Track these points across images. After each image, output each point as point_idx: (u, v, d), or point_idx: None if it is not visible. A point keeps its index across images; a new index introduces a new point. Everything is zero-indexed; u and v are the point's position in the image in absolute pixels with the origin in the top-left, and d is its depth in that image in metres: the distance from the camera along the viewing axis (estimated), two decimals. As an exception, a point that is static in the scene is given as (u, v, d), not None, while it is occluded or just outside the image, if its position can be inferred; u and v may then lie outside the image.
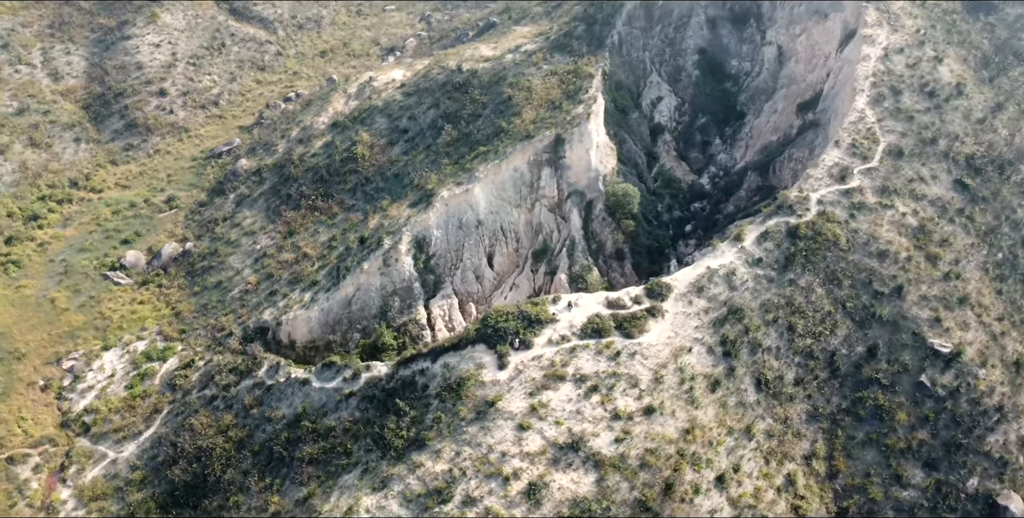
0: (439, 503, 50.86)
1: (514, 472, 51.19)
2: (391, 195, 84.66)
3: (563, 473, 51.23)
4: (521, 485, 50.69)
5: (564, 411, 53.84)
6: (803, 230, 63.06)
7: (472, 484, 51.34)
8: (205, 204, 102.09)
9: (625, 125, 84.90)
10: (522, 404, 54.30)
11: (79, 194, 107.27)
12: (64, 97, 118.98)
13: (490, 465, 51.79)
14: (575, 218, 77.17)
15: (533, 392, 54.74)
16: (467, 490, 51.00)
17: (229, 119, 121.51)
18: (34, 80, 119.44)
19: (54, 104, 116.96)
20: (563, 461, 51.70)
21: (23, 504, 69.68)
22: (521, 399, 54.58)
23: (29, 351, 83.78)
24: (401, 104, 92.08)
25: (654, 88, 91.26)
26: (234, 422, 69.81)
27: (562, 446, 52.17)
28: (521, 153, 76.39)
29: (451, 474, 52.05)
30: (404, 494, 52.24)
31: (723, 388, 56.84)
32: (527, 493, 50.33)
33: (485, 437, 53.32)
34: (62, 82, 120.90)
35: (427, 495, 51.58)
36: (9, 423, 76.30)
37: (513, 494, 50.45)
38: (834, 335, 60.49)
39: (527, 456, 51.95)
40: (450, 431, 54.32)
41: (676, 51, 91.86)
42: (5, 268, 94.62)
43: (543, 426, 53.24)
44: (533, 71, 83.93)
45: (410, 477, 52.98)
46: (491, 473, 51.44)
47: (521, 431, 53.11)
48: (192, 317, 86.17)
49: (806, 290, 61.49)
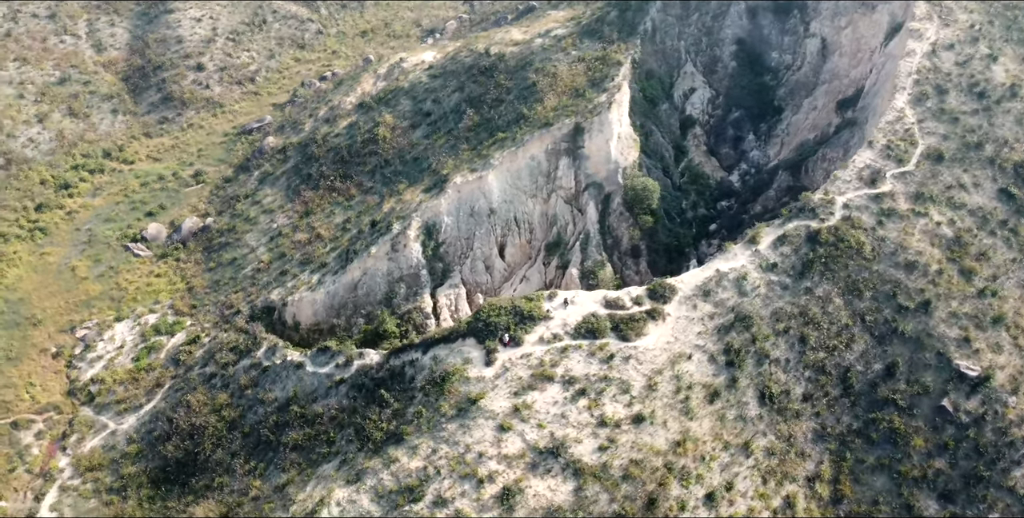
0: (410, 501, 48.92)
1: (489, 475, 48.86)
2: (408, 179, 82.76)
3: (540, 479, 48.69)
4: (495, 489, 48.34)
5: (548, 414, 51.21)
6: (824, 235, 58.83)
7: (445, 484, 49.21)
8: (230, 180, 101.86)
9: (653, 116, 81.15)
10: (505, 404, 51.86)
11: (111, 165, 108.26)
12: (105, 68, 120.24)
13: (466, 465, 49.56)
14: (591, 211, 74.05)
15: (518, 392, 52.23)
16: (439, 490, 48.90)
17: (264, 96, 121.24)
18: (78, 51, 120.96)
19: (95, 75, 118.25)
20: (542, 466, 49.14)
21: (22, 469, 70.24)
22: (505, 398, 52.12)
23: (45, 318, 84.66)
24: (426, 86, 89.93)
25: (687, 79, 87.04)
26: (228, 402, 69.15)
27: (542, 451, 49.61)
28: (539, 141, 73.50)
29: (425, 472, 50.02)
30: (376, 489, 50.44)
31: (722, 400, 53.39)
32: (501, 498, 47.97)
33: (464, 436, 51.09)
34: (105, 53, 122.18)
35: (399, 492, 49.69)
36: (18, 388, 77.09)
37: (486, 498, 48.16)
38: (850, 350, 56.32)
39: (505, 459, 49.54)
40: (429, 427, 52.24)
41: (713, 41, 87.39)
42: (32, 235, 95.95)
43: (525, 428, 50.72)
44: (560, 57, 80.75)
45: (384, 472, 51.13)
46: (466, 474, 49.22)
47: (501, 432, 50.69)
48: (204, 293, 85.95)
49: (823, 300, 57.38)
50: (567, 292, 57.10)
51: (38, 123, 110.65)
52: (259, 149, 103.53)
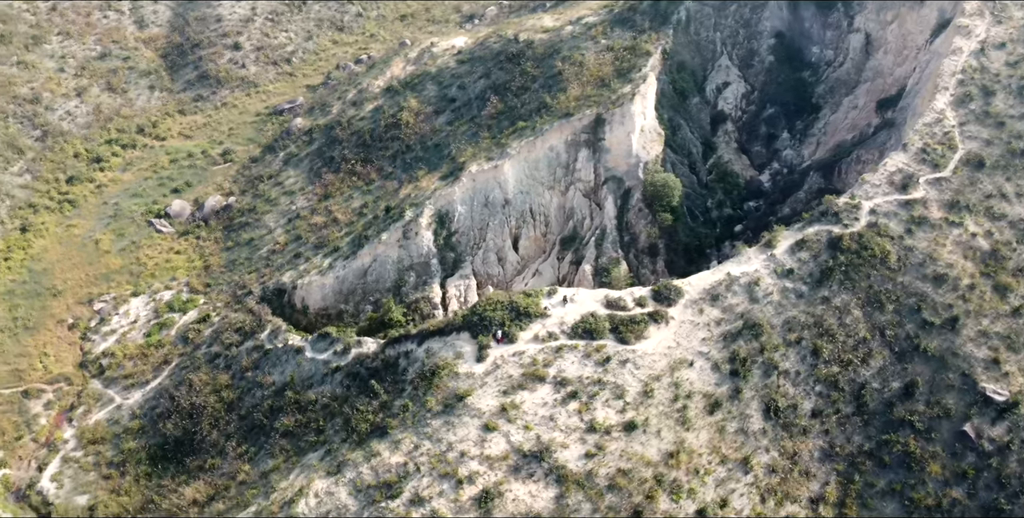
0: (387, 497, 47.39)
1: (470, 475, 47.01)
2: (428, 166, 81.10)
3: (522, 483, 46.64)
4: (474, 490, 46.48)
5: (536, 416, 49.07)
6: (847, 242, 55.19)
7: (424, 482, 47.53)
8: (257, 160, 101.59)
9: (683, 110, 77.84)
10: (493, 402, 49.87)
11: (144, 140, 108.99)
12: (146, 45, 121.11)
13: (447, 464, 47.80)
14: (609, 206, 71.36)
15: (507, 391, 50.19)
16: (417, 488, 47.24)
17: (299, 77, 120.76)
18: (120, 26, 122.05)
19: (135, 51, 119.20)
20: (524, 470, 47.08)
21: (28, 438, 70.88)
22: (493, 397, 50.13)
23: (66, 289, 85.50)
24: (453, 72, 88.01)
25: (721, 72, 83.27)
26: (229, 383, 68.69)
27: (526, 454, 47.53)
28: (558, 131, 71.01)
29: (405, 468, 48.41)
30: (355, 483, 49.04)
31: (723, 411, 50.50)
32: (479, 500, 46.09)
33: (447, 433, 49.29)
34: (146, 30, 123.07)
35: (377, 487, 48.18)
36: (32, 357, 77.90)
37: (464, 499, 46.33)
38: (866, 366, 52.78)
39: (487, 460, 47.62)
40: (414, 422, 50.60)
41: (751, 33, 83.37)
42: (61, 207, 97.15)
43: (510, 429, 48.68)
44: (589, 45, 77.93)
45: (364, 465, 49.69)
46: (446, 473, 47.46)
47: (486, 432, 48.76)
48: (220, 272, 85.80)
49: (840, 311, 53.89)
50: (567, 289, 54.80)
51: (76, 97, 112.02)
52: (287, 130, 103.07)
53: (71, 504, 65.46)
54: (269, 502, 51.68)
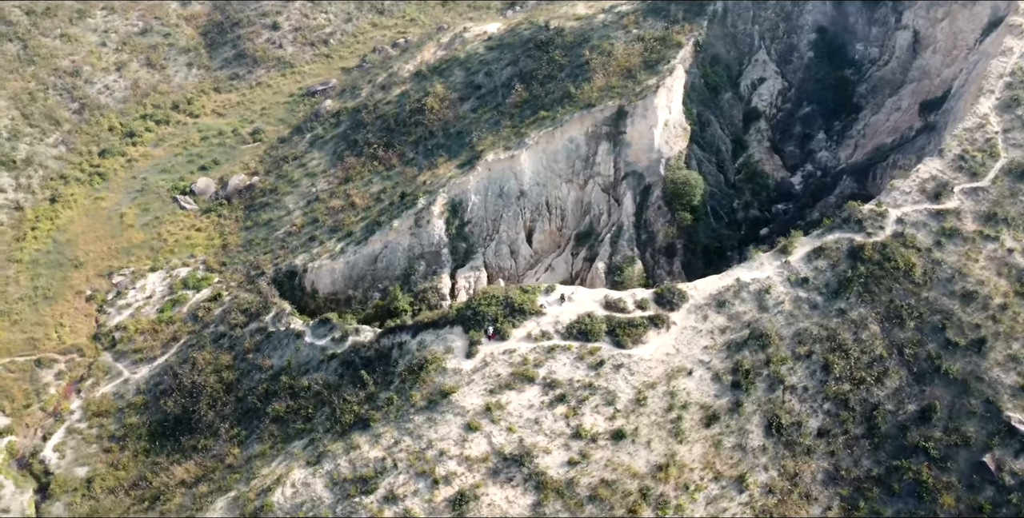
0: (361, 493, 45.97)
1: (447, 476, 45.25)
2: (448, 153, 79.32)
3: (499, 488, 44.69)
4: (450, 492, 44.71)
5: (521, 418, 46.99)
6: (868, 252, 51.54)
7: (400, 479, 45.94)
8: (285, 140, 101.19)
9: (714, 105, 74.35)
10: (478, 401, 47.95)
11: (177, 117, 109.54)
12: (187, 22, 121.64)
13: (424, 462, 46.11)
14: (628, 202, 68.56)
15: (494, 390, 48.21)
16: (393, 485, 45.68)
17: (335, 59, 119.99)
18: (163, 3, 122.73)
19: (176, 28, 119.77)
20: (503, 474, 45.10)
21: (37, 406, 71.49)
22: (479, 395, 48.21)
23: (87, 261, 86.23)
24: (481, 58, 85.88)
25: (758, 67, 79.28)
26: (230, 364, 68.24)
27: (507, 457, 45.53)
28: (579, 122, 68.39)
29: (383, 464, 46.90)
30: (332, 475, 47.74)
31: (721, 424, 47.67)
32: (453, 502, 44.32)
33: (429, 430, 47.57)
34: (189, 7, 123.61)
35: (353, 481, 46.80)
36: (48, 327, 78.70)
37: (438, 500, 44.61)
38: (881, 385, 49.28)
39: (466, 460, 45.78)
40: (397, 416, 49.02)
41: (791, 27, 79.07)
42: (91, 179, 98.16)
43: (493, 430, 46.72)
44: (620, 34, 74.90)
45: (343, 457, 48.34)
46: (423, 471, 45.79)
47: (468, 431, 46.90)
48: (236, 251, 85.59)
49: (857, 325, 50.40)
50: (566, 287, 52.48)
51: (116, 71, 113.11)
52: (316, 112, 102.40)
53: (70, 475, 65.78)
54: (248, 488, 50.78)
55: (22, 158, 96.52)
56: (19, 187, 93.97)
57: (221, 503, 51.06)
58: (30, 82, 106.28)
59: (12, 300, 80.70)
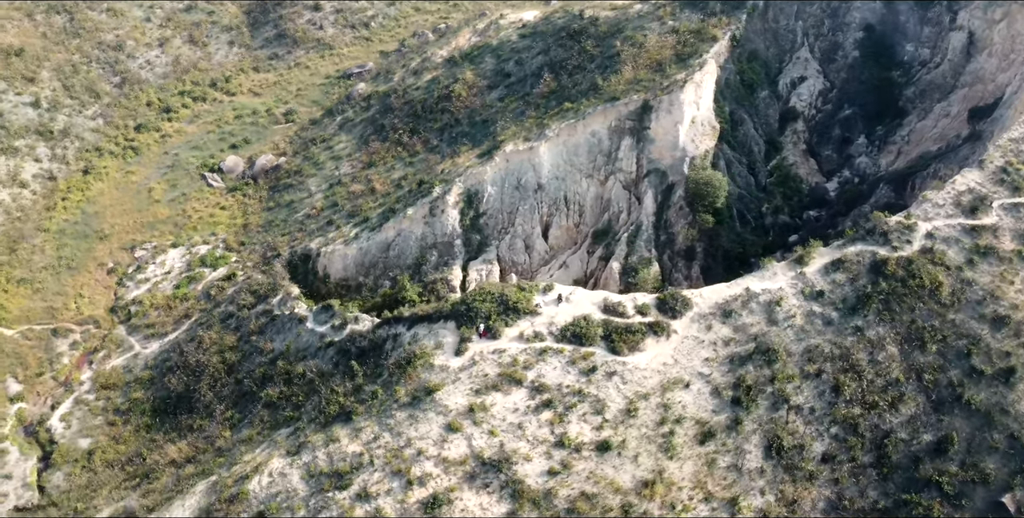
0: (335, 488, 44.55)
1: (422, 477, 43.53)
2: (472, 141, 77.45)
3: (475, 493, 42.81)
4: (423, 494, 43.00)
5: (504, 421, 44.97)
6: (892, 267, 47.86)
7: (375, 477, 44.40)
8: (316, 122, 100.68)
9: (749, 104, 70.73)
10: (462, 401, 46.08)
11: (214, 94, 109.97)
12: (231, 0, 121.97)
13: (401, 461, 44.48)
14: (649, 201, 65.70)
15: (480, 390, 46.25)
16: (367, 482, 44.17)
17: (375, 43, 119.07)
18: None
19: (220, 6, 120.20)
20: (480, 479, 43.19)
21: (49, 375, 72.20)
22: (463, 395, 46.33)
23: (112, 234, 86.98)
24: (513, 46, 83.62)
25: (799, 66, 75.11)
26: (234, 345, 67.81)
27: (485, 462, 43.59)
28: (602, 116, 65.71)
29: (360, 459, 45.41)
30: (309, 467, 46.47)
31: (717, 442, 44.89)
32: (426, 505, 42.61)
33: (409, 428, 45.92)
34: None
35: (328, 475, 45.43)
36: (68, 297, 79.48)
37: (411, 502, 42.95)
38: (895, 411, 45.80)
39: (443, 462, 44.00)
40: (379, 411, 47.48)
41: (837, 24, 74.59)
42: (125, 153, 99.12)
43: (474, 432, 44.81)
44: (654, 26, 71.77)
45: (321, 450, 47.02)
46: (398, 470, 44.16)
47: (448, 431, 45.08)
48: (256, 231, 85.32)
49: (873, 345, 46.92)
50: (565, 287, 50.13)
51: (158, 47, 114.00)
52: (349, 94, 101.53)
53: (73, 446, 66.13)
54: (228, 474, 49.86)
55: (59, 129, 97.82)
56: (54, 157, 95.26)
57: (201, 486, 50.28)
58: (74, 54, 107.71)
59: (36, 269, 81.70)
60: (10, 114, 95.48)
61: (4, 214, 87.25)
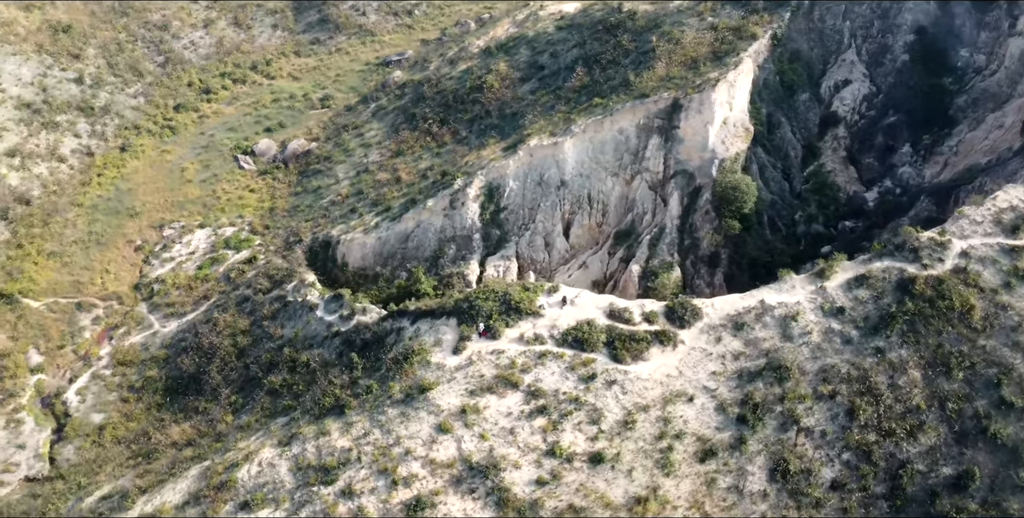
0: (321, 482, 43.74)
1: (407, 478, 42.37)
2: (500, 134, 75.85)
3: (459, 498, 41.44)
4: (407, 495, 41.82)
5: (496, 425, 43.46)
6: (920, 286, 44.80)
7: (361, 474, 43.39)
8: (351, 109, 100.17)
9: (788, 106, 67.56)
10: (455, 401, 44.70)
11: (254, 77, 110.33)
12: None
13: (389, 459, 43.36)
14: (674, 203, 63.30)
15: (474, 391, 44.82)
16: (352, 479, 43.19)
17: (417, 31, 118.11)
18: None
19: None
20: (466, 484, 41.81)
21: (70, 348, 73.01)
22: (457, 395, 44.94)
23: (143, 211, 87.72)
24: (549, 38, 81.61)
25: (843, 68, 71.40)
26: (247, 329, 67.57)
27: (473, 466, 42.18)
28: (630, 113, 63.43)
29: (348, 455, 44.46)
30: (297, 459, 45.71)
31: (718, 461, 42.67)
32: (409, 506, 41.44)
33: (400, 426, 44.75)
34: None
35: (316, 469, 44.62)
36: (95, 272, 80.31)
37: (394, 502, 41.82)
38: (913, 441, 42.94)
39: (431, 463, 42.73)
40: (372, 406, 46.42)
41: (887, 26, 70.61)
42: (162, 132, 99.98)
43: (464, 435, 43.42)
44: (693, 21, 69.06)
45: (311, 442, 46.21)
46: (385, 469, 43.06)
47: (439, 432, 43.79)
48: (282, 215, 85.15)
49: (894, 368, 44.05)
50: (571, 290, 48.27)
51: (203, 28, 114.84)
52: (385, 82, 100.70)
53: (86, 420, 66.69)
54: (221, 461, 49.39)
55: (101, 106, 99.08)
56: (93, 134, 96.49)
57: (195, 471, 49.97)
58: (120, 33, 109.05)
59: (67, 242, 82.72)
60: (54, 89, 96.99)
61: (41, 187, 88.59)
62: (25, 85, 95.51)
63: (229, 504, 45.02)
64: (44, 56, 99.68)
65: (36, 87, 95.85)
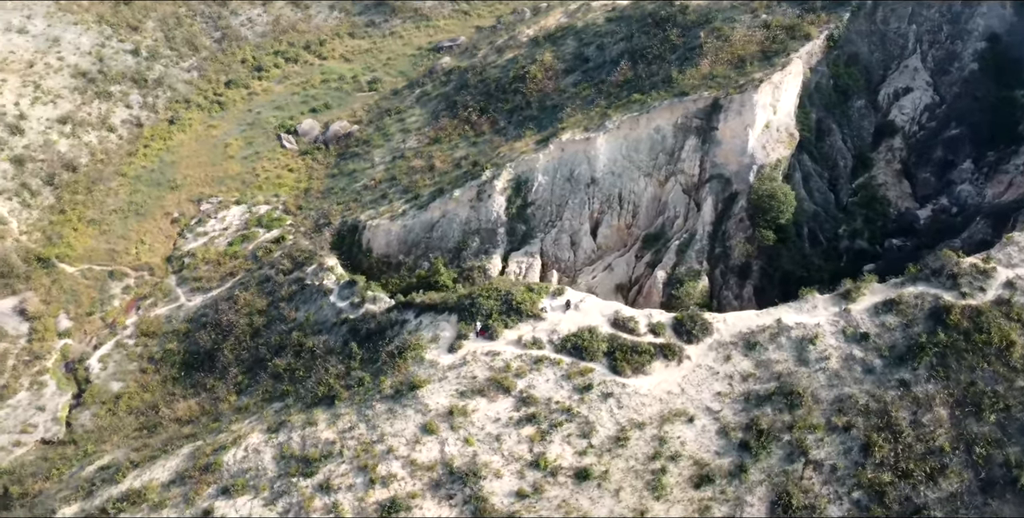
0: (301, 474, 42.55)
1: (385, 477, 40.85)
2: (538, 126, 73.58)
3: (435, 503, 39.74)
4: (383, 495, 40.33)
5: (482, 430, 41.53)
6: (956, 316, 40.86)
7: (341, 469, 42.08)
8: (397, 93, 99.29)
9: (841, 113, 63.32)
10: (444, 401, 42.94)
11: (306, 57, 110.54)
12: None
13: (370, 456, 41.93)
14: (707, 209, 60.08)
15: (465, 393, 42.96)
16: (331, 474, 41.91)
17: (472, 17, 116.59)
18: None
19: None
20: (444, 489, 40.06)
21: (99, 316, 74.02)
22: (446, 395, 43.17)
23: (184, 185, 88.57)
24: (597, 30, 78.71)
25: (905, 74, 66.45)
26: (263, 309, 67.29)
27: (454, 471, 40.38)
28: (668, 111, 60.32)
29: (331, 448, 43.20)
30: (282, 447, 44.68)
31: (715, 488, 39.86)
32: (384, 507, 39.93)
33: (385, 422, 43.26)
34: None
35: (298, 459, 43.47)
36: (130, 241, 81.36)
37: (370, 501, 40.37)
38: (933, 485, 39.26)
39: (411, 464, 41.12)
40: (361, 399, 45.07)
41: (957, 32, 65.36)
42: (212, 107, 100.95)
43: (449, 437, 41.64)
44: (745, 18, 65.32)
45: (298, 431, 45.14)
46: (365, 466, 41.65)
47: (423, 433, 42.13)
48: (316, 197, 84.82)
49: (919, 404, 40.38)
50: (576, 293, 45.87)
51: (261, 5, 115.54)
52: (433, 67, 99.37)
53: (105, 387, 67.36)
54: (211, 442, 48.82)
55: (154, 78, 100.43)
56: (144, 105, 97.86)
57: (186, 450, 49.47)
58: (180, 7, 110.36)
59: (107, 211, 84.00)
60: (110, 60, 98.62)
61: (89, 155, 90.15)
62: (83, 54, 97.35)
63: (212, 488, 44.25)
64: (104, 27, 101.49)
65: (93, 57, 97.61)
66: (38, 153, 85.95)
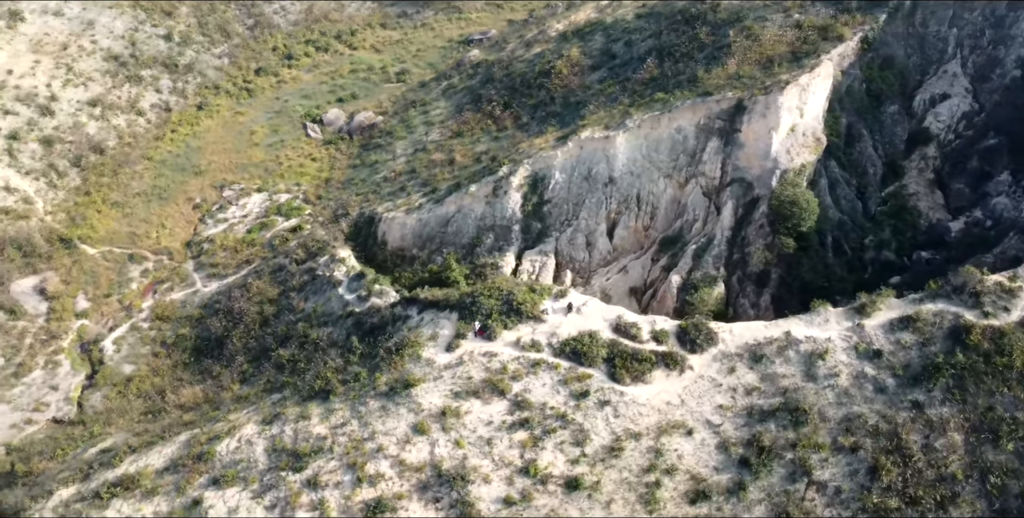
0: (290, 468, 41.99)
1: (373, 476, 40.08)
2: (561, 123, 72.19)
3: (421, 506, 38.85)
4: (369, 495, 39.56)
5: (474, 433, 40.50)
6: (976, 337, 38.69)
7: (330, 466, 41.42)
8: (424, 85, 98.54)
9: (873, 118, 60.79)
10: (437, 402, 41.99)
11: (337, 46, 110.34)
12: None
13: (360, 454, 41.22)
14: (727, 213, 58.22)
15: (459, 394, 41.97)
16: (320, 470, 41.28)
17: (505, 10, 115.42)
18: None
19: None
20: (431, 492, 39.14)
21: (116, 298, 74.54)
22: (440, 395, 42.21)
23: (208, 170, 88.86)
24: (625, 26, 77.00)
25: (944, 80, 63.58)
26: (274, 298, 67.10)
27: (442, 474, 39.44)
28: (690, 111, 58.50)
29: (322, 443, 42.58)
30: (275, 440, 44.19)
31: (711, 506, 38.31)
32: (370, 506, 39.17)
33: (377, 420, 42.47)
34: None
35: (289, 453, 42.93)
36: (152, 225, 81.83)
37: (355, 500, 39.64)
38: (943, 513, 37.24)
39: (400, 464, 40.29)
40: (356, 395, 44.35)
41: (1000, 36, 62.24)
42: (240, 94, 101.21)
43: (440, 439, 40.70)
44: (777, 17, 63.09)
45: (291, 425, 44.60)
46: (353, 463, 40.94)
47: (414, 433, 41.26)
48: (336, 187, 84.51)
49: (932, 427, 38.36)
50: (579, 296, 44.53)
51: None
52: (461, 60, 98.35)
53: (117, 369, 67.79)
54: (207, 431, 48.54)
55: (185, 64, 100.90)
56: (174, 90, 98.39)
57: (183, 437, 49.27)
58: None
59: (131, 194, 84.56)
60: (143, 44, 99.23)
61: (116, 138, 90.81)
62: (116, 38, 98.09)
63: (203, 477, 43.92)
64: (138, 11, 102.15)
65: (126, 41, 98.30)
66: (67, 134, 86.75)
